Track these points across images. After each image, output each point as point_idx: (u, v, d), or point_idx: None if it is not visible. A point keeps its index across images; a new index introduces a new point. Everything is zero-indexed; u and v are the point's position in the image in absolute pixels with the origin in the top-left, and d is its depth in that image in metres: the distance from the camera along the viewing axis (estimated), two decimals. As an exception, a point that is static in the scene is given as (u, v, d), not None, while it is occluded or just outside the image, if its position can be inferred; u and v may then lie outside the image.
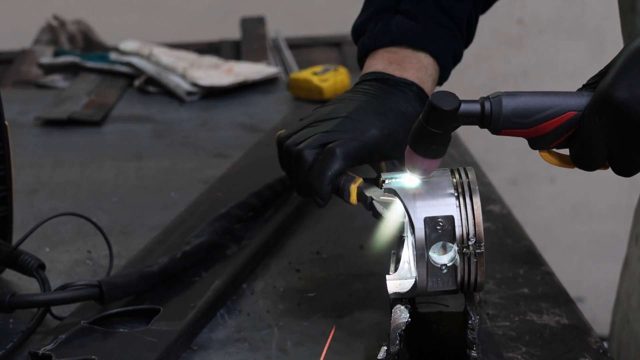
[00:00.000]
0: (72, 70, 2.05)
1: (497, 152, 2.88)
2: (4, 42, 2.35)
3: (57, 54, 2.12)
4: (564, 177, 2.97)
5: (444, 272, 0.95)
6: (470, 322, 0.95)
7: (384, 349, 0.96)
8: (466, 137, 1.69)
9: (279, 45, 2.24)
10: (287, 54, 2.18)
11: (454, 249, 0.94)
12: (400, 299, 0.97)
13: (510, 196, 2.14)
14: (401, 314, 0.96)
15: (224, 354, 1.06)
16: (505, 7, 2.78)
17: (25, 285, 1.19)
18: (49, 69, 2.06)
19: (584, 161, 0.95)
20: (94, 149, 1.67)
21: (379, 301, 1.12)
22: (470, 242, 0.94)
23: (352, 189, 1.06)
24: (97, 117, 1.80)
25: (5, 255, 1.14)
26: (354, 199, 1.07)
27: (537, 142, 0.95)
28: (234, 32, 2.34)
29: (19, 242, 1.14)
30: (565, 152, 0.97)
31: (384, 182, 0.98)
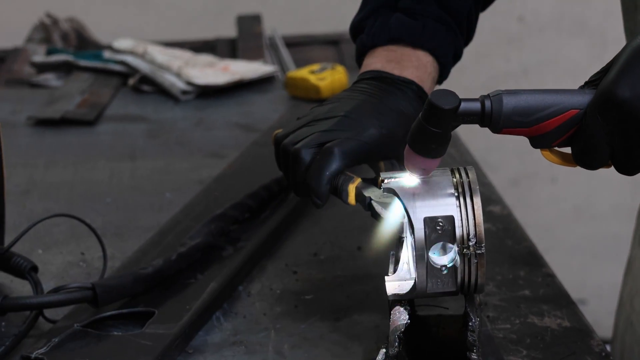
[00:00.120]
0: (65, 68, 2.05)
1: (497, 152, 2.88)
2: (-5, 40, 2.35)
3: (49, 53, 2.12)
4: (565, 178, 2.97)
5: (444, 273, 0.95)
6: (470, 324, 0.95)
7: (383, 351, 0.96)
8: (466, 136, 1.69)
9: (275, 43, 2.24)
10: (284, 52, 2.17)
11: (454, 249, 0.94)
12: (399, 300, 0.97)
13: (510, 197, 2.14)
14: (400, 316, 0.96)
15: (219, 357, 1.06)
16: (505, 5, 2.78)
17: (17, 287, 1.19)
18: (42, 68, 2.06)
19: (586, 160, 0.95)
20: (87, 149, 1.67)
21: (377, 303, 1.12)
22: (470, 243, 0.94)
23: (351, 189, 1.06)
24: (91, 116, 1.80)
25: (-3, 257, 1.15)
26: (352, 199, 1.07)
27: (539, 141, 0.95)
28: (230, 30, 2.34)
29: (11, 243, 1.14)
30: (567, 150, 0.97)
31: (382, 181, 0.98)
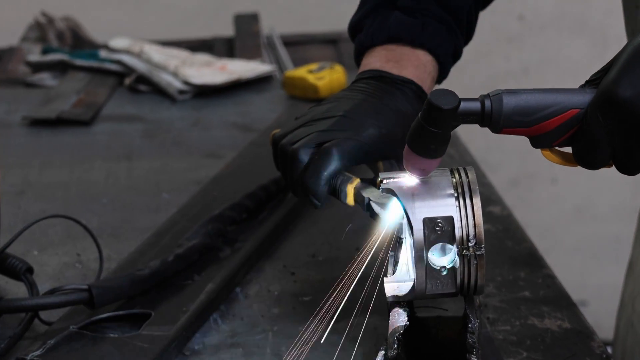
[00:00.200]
0: (61, 68, 2.05)
1: (497, 152, 2.89)
2: (-10, 40, 2.35)
3: (45, 52, 2.12)
4: (566, 178, 2.97)
5: (443, 274, 0.95)
6: (470, 325, 0.95)
7: (382, 353, 0.96)
8: (466, 136, 1.69)
9: (273, 42, 2.24)
10: (282, 51, 2.18)
11: (453, 250, 0.94)
12: (398, 302, 0.97)
13: (510, 197, 2.14)
14: (399, 318, 0.96)
15: (217, 359, 1.06)
16: (505, 3, 2.78)
17: (12, 289, 1.19)
18: (37, 67, 2.06)
19: (587, 159, 0.95)
20: (83, 149, 1.67)
21: (376, 305, 1.12)
22: (470, 244, 0.94)
23: (349, 189, 1.06)
24: (87, 116, 1.80)
25: (-8, 258, 1.15)
26: (350, 200, 1.07)
27: (539, 141, 0.95)
28: (227, 29, 2.34)
29: (6, 245, 1.14)
30: (567, 150, 0.97)
31: (381, 182, 0.98)
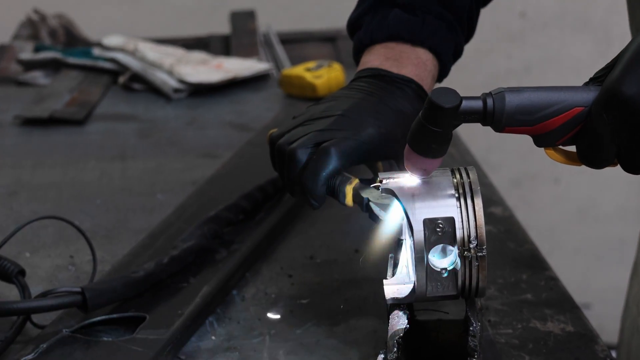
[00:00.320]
0: (54, 66, 2.05)
1: (498, 152, 2.89)
2: (-19, 37, 2.35)
3: (37, 50, 2.12)
4: (569, 178, 2.97)
5: (444, 276, 0.95)
6: (471, 328, 0.95)
7: (381, 357, 0.96)
8: (467, 136, 1.69)
9: (270, 40, 2.24)
10: (279, 49, 2.18)
11: (454, 252, 0.94)
12: (398, 304, 0.97)
13: (512, 198, 2.14)
14: (399, 320, 0.96)
15: (213, 363, 1.06)
16: (507, 0, 2.78)
17: (4, 292, 1.19)
18: (29, 65, 2.06)
19: (591, 158, 0.95)
20: (76, 149, 1.67)
21: (375, 308, 1.12)
22: (471, 245, 0.94)
23: (348, 189, 1.06)
24: (80, 115, 1.80)
25: (-17, 260, 1.14)
26: (349, 201, 1.07)
27: (543, 140, 0.95)
28: (224, 27, 2.34)
29: (-2, 246, 1.14)
30: (571, 149, 0.97)
31: (381, 182, 0.98)
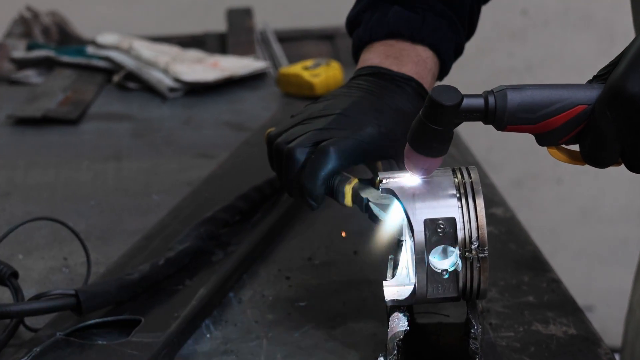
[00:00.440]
0: (47, 65, 2.05)
1: (500, 152, 2.89)
2: (-27, 36, 2.35)
3: (30, 48, 2.11)
4: (571, 178, 2.97)
5: (445, 277, 0.95)
6: (472, 331, 0.95)
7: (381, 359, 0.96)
8: (467, 135, 1.69)
9: (267, 38, 2.24)
10: (276, 47, 2.18)
11: (455, 253, 0.94)
12: (398, 306, 0.97)
13: (514, 198, 2.14)
14: (399, 323, 0.96)
15: (209, 367, 1.06)
16: (508, -3, 2.78)
17: (-4, 294, 1.19)
18: (22, 64, 2.06)
19: (594, 157, 0.95)
20: (70, 149, 1.67)
21: (375, 310, 1.12)
22: (473, 246, 0.94)
23: (347, 190, 1.06)
24: (74, 115, 1.79)
25: (-25, 262, 1.14)
26: (348, 201, 1.07)
27: (545, 138, 0.95)
28: (220, 24, 2.34)
29: (-10, 248, 1.14)
30: (575, 148, 0.97)
31: (381, 182, 0.98)
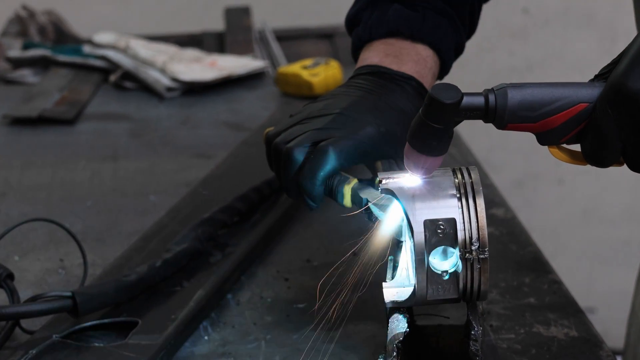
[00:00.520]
0: (43, 64, 2.05)
1: (501, 152, 2.89)
2: (-32, 35, 2.35)
3: (26, 47, 2.11)
4: (573, 178, 2.97)
5: (445, 279, 0.95)
6: (472, 333, 0.95)
7: (381, 362, 0.96)
8: (468, 135, 1.69)
9: (265, 37, 2.24)
10: (275, 46, 2.18)
11: (455, 254, 0.94)
12: (397, 308, 0.97)
13: (515, 199, 2.14)
14: (399, 324, 0.96)
15: (207, 369, 1.06)
16: (509, -4, 2.78)
17: (-8, 296, 1.19)
18: (18, 63, 2.06)
19: (596, 157, 0.95)
20: (66, 149, 1.67)
21: (374, 312, 1.12)
22: (473, 247, 0.94)
23: (346, 190, 1.06)
24: (70, 115, 1.79)
25: (-30, 263, 1.14)
26: (348, 201, 1.07)
27: (546, 137, 0.95)
28: (218, 23, 2.34)
29: (-14, 249, 1.14)
30: (576, 148, 0.97)
31: (380, 182, 0.98)
